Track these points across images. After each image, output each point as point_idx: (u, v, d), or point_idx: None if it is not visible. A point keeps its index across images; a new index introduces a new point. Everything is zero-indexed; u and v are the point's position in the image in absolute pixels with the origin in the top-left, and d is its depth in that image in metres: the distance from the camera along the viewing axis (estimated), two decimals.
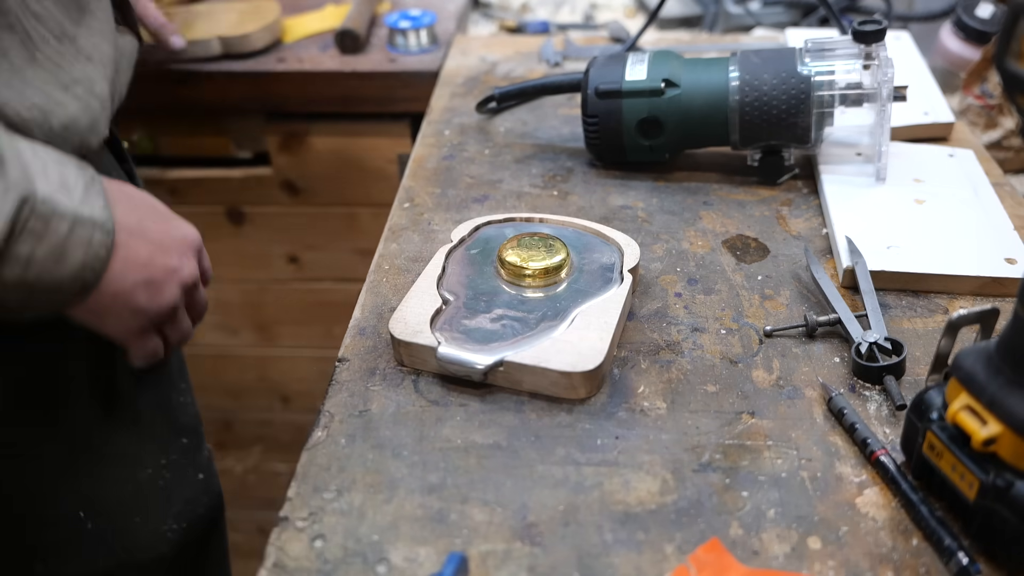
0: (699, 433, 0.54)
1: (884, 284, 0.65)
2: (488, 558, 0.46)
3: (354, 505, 0.49)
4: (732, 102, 0.75)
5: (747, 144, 0.78)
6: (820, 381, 0.57)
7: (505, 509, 0.49)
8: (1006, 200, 0.75)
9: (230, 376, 1.40)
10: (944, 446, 0.46)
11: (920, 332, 0.62)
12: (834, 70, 0.74)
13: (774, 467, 0.51)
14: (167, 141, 1.18)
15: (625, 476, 0.51)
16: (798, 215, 0.75)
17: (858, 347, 0.58)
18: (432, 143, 0.88)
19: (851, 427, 0.53)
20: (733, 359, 0.59)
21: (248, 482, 1.51)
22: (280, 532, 0.48)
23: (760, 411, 0.55)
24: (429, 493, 0.50)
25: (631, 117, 0.78)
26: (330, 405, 0.56)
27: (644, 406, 0.56)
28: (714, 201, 0.77)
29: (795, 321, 0.62)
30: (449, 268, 0.64)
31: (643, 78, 0.77)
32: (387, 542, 0.47)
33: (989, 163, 0.82)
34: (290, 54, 1.13)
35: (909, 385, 0.57)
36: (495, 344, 0.57)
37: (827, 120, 0.76)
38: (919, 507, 0.47)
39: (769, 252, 0.70)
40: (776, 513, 0.49)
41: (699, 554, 0.46)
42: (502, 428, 0.54)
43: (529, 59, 1.08)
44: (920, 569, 0.46)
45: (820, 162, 0.80)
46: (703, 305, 0.65)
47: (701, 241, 0.72)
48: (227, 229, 1.24)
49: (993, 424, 0.44)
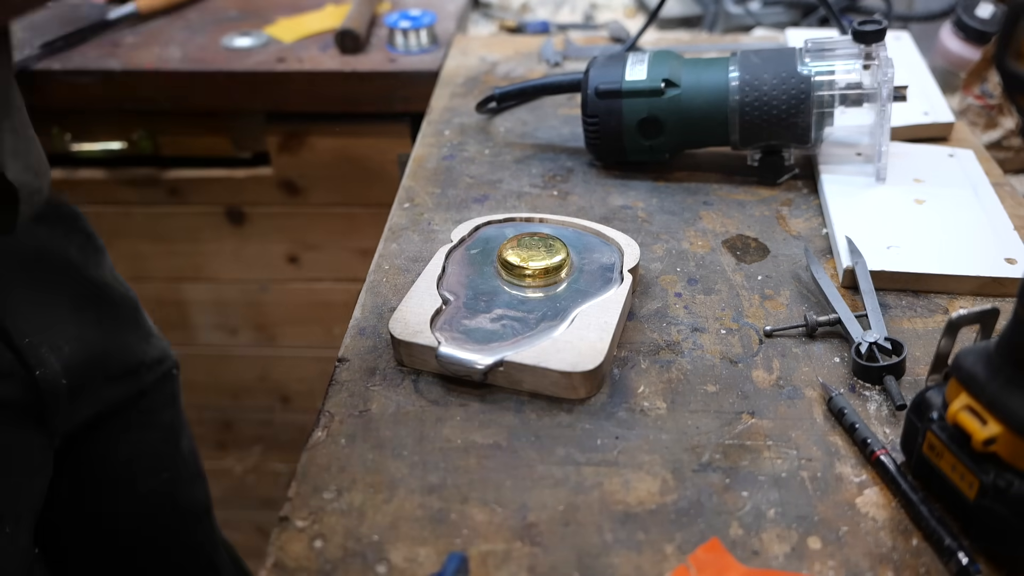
0: (699, 433, 0.54)
1: (884, 284, 0.65)
2: (488, 558, 0.46)
3: (354, 505, 0.49)
4: (732, 102, 0.75)
5: (747, 144, 0.78)
6: (820, 381, 0.57)
7: (505, 509, 0.49)
8: (1006, 200, 0.75)
9: (230, 376, 1.40)
10: (944, 446, 0.46)
11: (920, 332, 0.62)
12: (834, 70, 0.74)
13: (774, 467, 0.51)
14: (167, 141, 1.18)
15: (625, 476, 0.51)
16: (798, 215, 0.75)
17: (858, 347, 0.58)
18: (432, 143, 0.88)
19: (851, 427, 0.53)
20: (733, 359, 0.59)
21: (248, 482, 1.51)
22: (280, 532, 0.48)
23: (760, 411, 0.55)
24: (429, 493, 0.50)
25: (631, 117, 0.78)
26: (330, 405, 0.56)
27: (644, 406, 0.56)
28: (714, 201, 0.77)
29: (795, 321, 0.62)
30: (449, 268, 0.64)
31: (643, 78, 0.77)
32: (387, 542, 0.47)
33: (989, 163, 0.82)
34: (290, 54, 1.13)
35: (909, 385, 0.57)
36: (495, 344, 0.57)
37: (827, 120, 0.76)
38: (919, 507, 0.47)
39: (769, 252, 0.70)
40: (776, 513, 0.49)
41: (699, 554, 0.46)
42: (502, 428, 0.54)
43: (529, 59, 1.08)
44: (920, 569, 0.46)
45: (820, 162, 0.80)
46: (703, 305, 0.65)
47: (701, 241, 0.72)
48: (227, 229, 1.25)
49: (993, 424, 0.44)
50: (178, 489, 0.87)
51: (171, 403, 0.87)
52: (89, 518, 0.81)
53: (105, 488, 0.81)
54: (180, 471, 0.88)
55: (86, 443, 0.77)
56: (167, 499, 0.86)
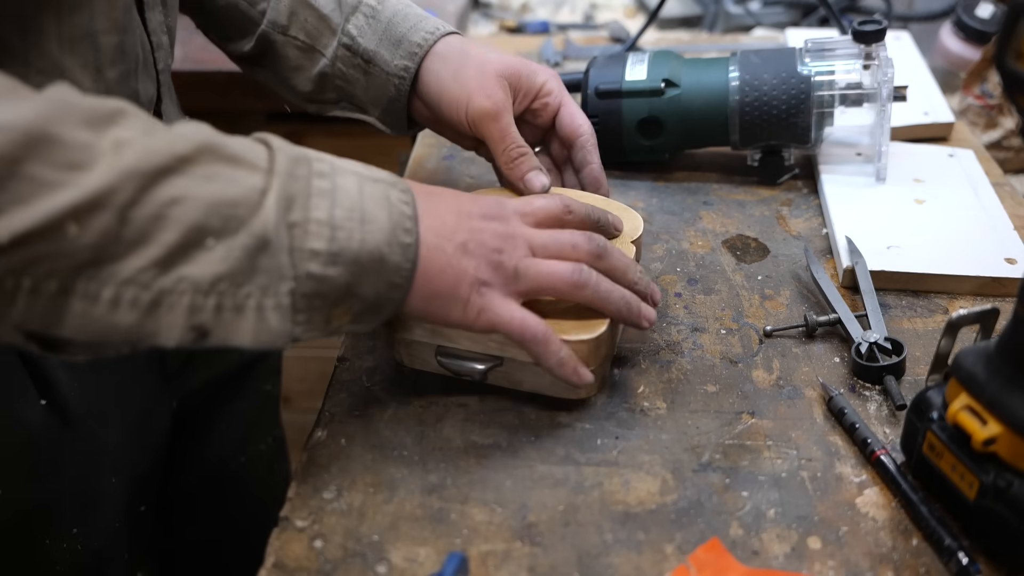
0: (699, 433, 0.54)
1: (884, 284, 0.65)
2: (488, 558, 0.46)
3: (354, 505, 0.49)
4: (732, 102, 0.75)
5: (747, 144, 0.78)
6: (820, 381, 0.57)
7: (505, 509, 0.49)
8: (1006, 200, 0.75)
9: None
10: (944, 446, 0.46)
11: (920, 332, 0.62)
12: (834, 70, 0.74)
13: (774, 467, 0.51)
14: None
15: (625, 476, 0.51)
16: (798, 215, 0.75)
17: (858, 347, 0.58)
18: (432, 143, 0.88)
19: (851, 427, 0.53)
20: (733, 359, 0.59)
21: None
22: (280, 532, 0.48)
23: (760, 411, 0.55)
24: (429, 493, 0.50)
25: (631, 117, 0.78)
26: (330, 405, 0.56)
27: (644, 406, 0.56)
28: (714, 201, 0.77)
29: (795, 321, 0.62)
30: None
31: (643, 78, 0.77)
32: (387, 542, 0.47)
33: (989, 163, 0.82)
34: None
35: (909, 385, 0.57)
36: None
37: (827, 120, 0.76)
38: (919, 507, 0.47)
39: (769, 252, 0.70)
40: (776, 513, 0.49)
41: (699, 554, 0.46)
42: (502, 428, 0.54)
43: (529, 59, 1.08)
44: (920, 569, 0.46)
45: (820, 162, 0.80)
46: (703, 305, 0.65)
47: (701, 241, 0.72)
48: None
49: (993, 424, 0.44)
50: (276, 457, 0.91)
51: (275, 374, 0.90)
52: (199, 482, 0.84)
53: (214, 451, 0.84)
54: (280, 439, 0.91)
55: (198, 410, 0.80)
56: (267, 466, 0.89)
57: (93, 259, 0.39)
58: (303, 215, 0.43)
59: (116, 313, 0.40)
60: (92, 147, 0.39)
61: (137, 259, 0.40)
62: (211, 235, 0.41)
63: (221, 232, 0.41)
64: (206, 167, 0.42)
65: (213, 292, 0.41)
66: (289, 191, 0.43)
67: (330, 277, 0.44)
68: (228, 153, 0.43)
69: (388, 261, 0.46)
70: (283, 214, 0.43)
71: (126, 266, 0.40)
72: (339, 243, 0.44)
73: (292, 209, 0.43)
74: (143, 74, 0.59)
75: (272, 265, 0.42)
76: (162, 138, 0.41)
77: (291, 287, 0.43)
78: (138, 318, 0.41)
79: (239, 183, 0.42)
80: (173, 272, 0.41)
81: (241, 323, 0.42)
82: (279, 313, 0.43)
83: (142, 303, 0.41)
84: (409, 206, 0.47)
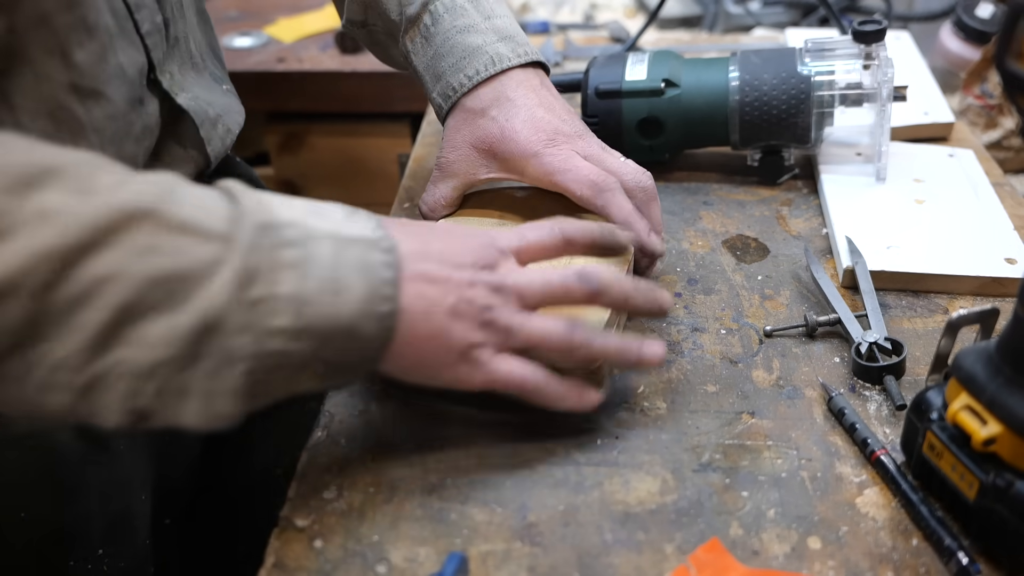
0: (699, 433, 0.54)
1: (884, 284, 0.65)
2: (488, 558, 0.46)
3: (354, 505, 0.49)
4: (732, 102, 0.75)
5: (747, 144, 0.78)
6: (820, 381, 0.57)
7: (505, 509, 0.49)
8: (1006, 200, 0.75)
9: None
10: (944, 446, 0.46)
11: (920, 332, 0.62)
12: (834, 70, 0.74)
13: (774, 467, 0.51)
14: None
15: (625, 476, 0.51)
16: (798, 215, 0.75)
17: (858, 347, 0.58)
18: (432, 143, 0.88)
19: (851, 427, 0.53)
20: (733, 359, 0.59)
21: None
22: (280, 532, 0.48)
23: (760, 411, 0.55)
24: (429, 493, 0.50)
25: (631, 117, 0.78)
26: (330, 405, 0.56)
27: (644, 406, 0.56)
28: (714, 201, 0.77)
29: (795, 321, 0.62)
30: None
31: (643, 78, 0.77)
32: (387, 542, 0.47)
33: (989, 163, 0.82)
34: (290, 54, 1.13)
35: (909, 385, 0.57)
36: None
37: (827, 120, 0.76)
38: (919, 507, 0.47)
39: (769, 252, 0.70)
40: (776, 513, 0.49)
41: (699, 554, 0.46)
42: (502, 428, 0.54)
43: None
44: (920, 569, 0.46)
45: (820, 162, 0.80)
46: (703, 305, 0.65)
47: (701, 241, 0.72)
48: None
49: (993, 424, 0.44)
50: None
51: None
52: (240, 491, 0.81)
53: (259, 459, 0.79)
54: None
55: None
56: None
57: (14, 345, 0.37)
58: (267, 290, 0.40)
59: (47, 395, 0.38)
60: (9, 216, 0.36)
61: (64, 343, 0.37)
62: (149, 313, 0.38)
63: (161, 308, 0.38)
64: (145, 237, 0.38)
65: (153, 377, 0.39)
66: (250, 264, 0.39)
67: (292, 352, 0.41)
68: (175, 220, 0.39)
69: (360, 333, 0.43)
70: (240, 290, 0.39)
71: (53, 350, 0.37)
72: (306, 318, 0.41)
73: (254, 284, 0.39)
74: (123, 44, 0.53)
75: (221, 348, 0.39)
76: (94, 204, 0.37)
77: (247, 367, 0.40)
78: (71, 400, 0.39)
79: (185, 254, 0.39)
80: (108, 355, 0.38)
81: (186, 406, 0.40)
82: (230, 397, 0.40)
83: (75, 386, 0.38)
84: (391, 268, 0.44)
